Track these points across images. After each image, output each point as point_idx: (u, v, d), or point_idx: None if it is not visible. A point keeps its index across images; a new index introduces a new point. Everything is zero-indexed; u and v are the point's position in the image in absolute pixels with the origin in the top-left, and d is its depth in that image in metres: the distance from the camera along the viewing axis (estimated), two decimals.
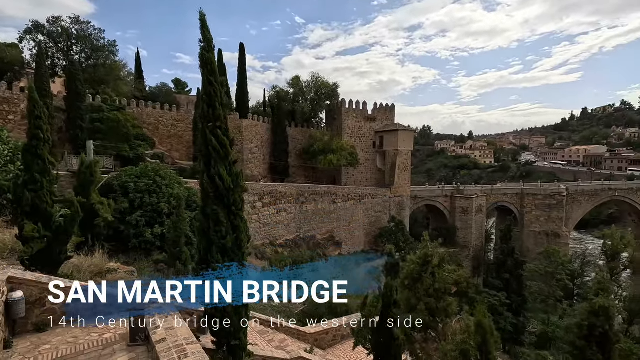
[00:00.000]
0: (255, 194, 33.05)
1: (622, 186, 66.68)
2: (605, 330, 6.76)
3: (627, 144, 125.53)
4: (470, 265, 49.79)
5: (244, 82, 44.53)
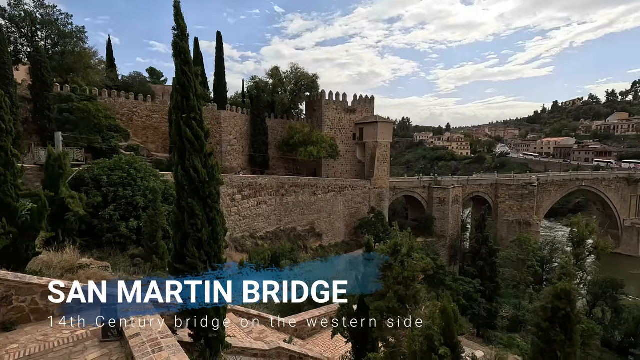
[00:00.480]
0: (235, 187, 32.68)
1: (588, 176, 70.10)
2: (568, 312, 7.17)
3: (593, 136, 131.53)
4: (447, 254, 51.35)
5: (221, 72, 43.56)
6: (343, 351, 11.52)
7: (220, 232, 6.79)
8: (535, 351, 7.61)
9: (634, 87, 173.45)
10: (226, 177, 32.19)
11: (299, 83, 50.67)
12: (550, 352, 7.27)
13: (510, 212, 57.68)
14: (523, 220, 56.34)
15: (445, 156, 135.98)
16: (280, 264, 21.93)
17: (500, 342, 29.16)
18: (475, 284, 32.32)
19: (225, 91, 44.73)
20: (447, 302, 4.58)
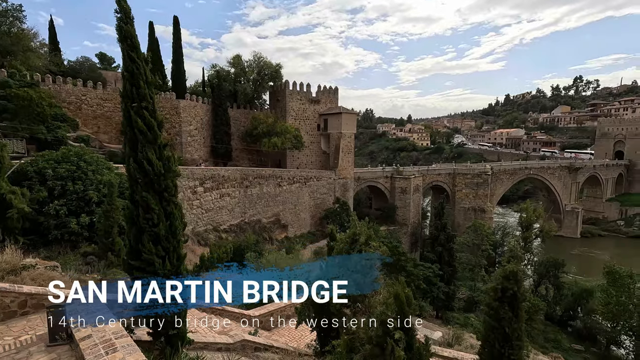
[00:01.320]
0: (196, 179, 31.64)
1: (536, 165, 75.52)
2: (515, 291, 7.74)
3: (540, 128, 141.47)
4: (408, 241, 53.35)
5: (179, 59, 41.66)
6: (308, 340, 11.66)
7: (178, 227, 6.55)
8: (486, 329, 8.17)
9: (575, 83, 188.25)
10: (186, 169, 31.09)
11: (262, 72, 49.68)
12: (499, 328, 7.84)
13: (467, 200, 60.84)
14: (478, 207, 59.67)
15: (406, 147, 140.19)
16: (245, 256, 21.70)
17: (457, 322, 30.97)
18: (435, 268, 33.93)
19: (184, 79, 42.92)
20: (400, 288, 4.76)
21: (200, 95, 43.83)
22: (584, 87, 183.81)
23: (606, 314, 32.41)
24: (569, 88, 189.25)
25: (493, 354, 8.05)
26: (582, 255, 61.66)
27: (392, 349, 4.47)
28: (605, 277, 32.90)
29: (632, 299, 30.39)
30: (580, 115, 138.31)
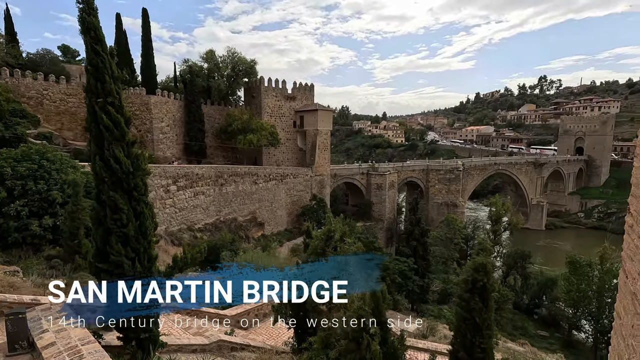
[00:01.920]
0: (169, 177, 30.74)
1: (504, 161, 78.63)
2: (484, 283, 8.04)
3: (508, 125, 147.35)
4: (384, 237, 54.26)
5: (149, 53, 40.16)
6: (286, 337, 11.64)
7: (149, 227, 6.33)
8: (458, 320, 8.46)
9: (540, 82, 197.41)
10: (158, 167, 30.14)
11: (237, 68, 48.79)
12: (470, 319, 8.13)
13: (440, 195, 62.53)
14: (450, 202, 61.47)
15: (382, 144, 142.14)
16: (221, 255, 21.34)
17: (432, 314, 31.90)
18: (410, 262, 34.72)
19: (155, 74, 41.46)
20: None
21: (172, 91, 42.52)
22: (548, 86, 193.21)
23: (568, 301, 34.36)
24: (534, 87, 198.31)
25: (465, 344, 8.35)
26: (547, 247, 64.97)
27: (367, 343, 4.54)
28: (567, 267, 34.83)
29: (591, 286, 32.35)
30: (545, 113, 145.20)
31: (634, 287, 2.22)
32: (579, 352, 33.20)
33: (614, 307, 12.04)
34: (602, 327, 31.86)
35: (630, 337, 2.16)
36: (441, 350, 11.70)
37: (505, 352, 17.32)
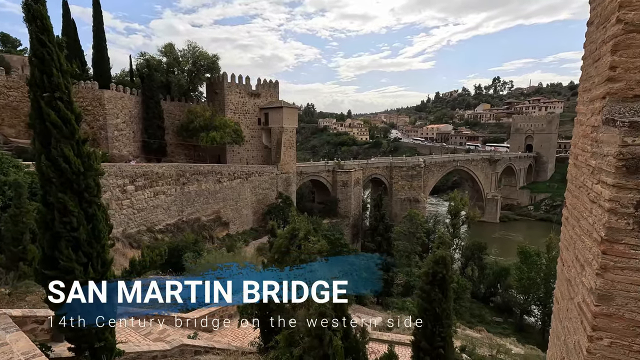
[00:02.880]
0: (126, 176, 29.21)
1: (462, 158, 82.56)
2: (444, 274, 8.43)
3: (466, 123, 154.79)
4: (350, 233, 55.11)
5: (102, 44, 37.78)
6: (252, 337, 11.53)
7: (102, 230, 6.00)
8: (420, 311, 8.81)
9: (494, 83, 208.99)
10: (114, 166, 28.56)
11: (198, 63, 47.20)
12: (431, 310, 8.51)
13: (403, 191, 64.50)
14: (413, 197, 63.60)
15: (347, 141, 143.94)
16: (183, 257, 20.65)
17: (396, 306, 32.90)
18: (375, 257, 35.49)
19: (108, 67, 39.12)
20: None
21: (128, 86, 40.33)
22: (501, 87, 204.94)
23: (520, 288, 36.93)
24: (489, 87, 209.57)
25: (426, 334, 8.72)
26: (501, 238, 69.16)
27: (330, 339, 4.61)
28: (519, 257, 37.39)
29: (540, 273, 34.95)
30: (498, 112, 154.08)
31: (569, 274, 2.44)
32: (529, 335, 35.77)
33: None
34: (549, 310, 34.57)
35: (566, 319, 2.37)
36: (404, 341, 12.13)
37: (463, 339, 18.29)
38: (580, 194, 2.33)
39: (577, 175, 2.47)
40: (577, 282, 2.20)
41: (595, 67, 2.21)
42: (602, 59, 2.06)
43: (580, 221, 2.30)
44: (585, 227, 2.18)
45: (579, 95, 2.65)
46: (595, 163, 2.08)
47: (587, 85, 2.41)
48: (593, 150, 2.14)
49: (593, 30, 2.34)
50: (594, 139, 2.12)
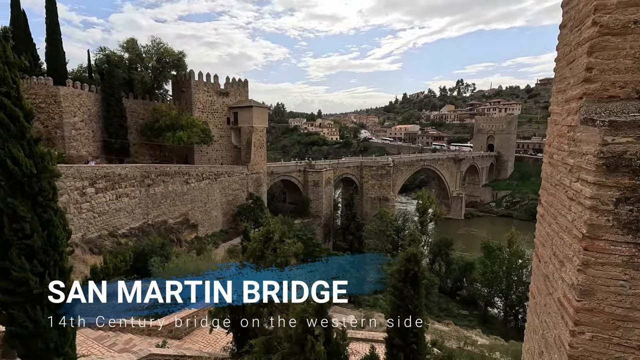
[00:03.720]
0: (85, 178, 27.52)
1: (429, 157, 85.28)
2: (415, 271, 8.57)
3: (432, 124, 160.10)
4: (322, 232, 55.25)
5: (56, 38, 35.39)
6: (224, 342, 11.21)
7: (60, 236, 5.55)
8: (393, 308, 8.93)
9: (458, 85, 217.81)
10: (71, 168, 26.86)
11: (163, 60, 45.41)
12: (404, 306, 8.64)
13: (373, 190, 65.58)
14: (382, 196, 64.83)
15: (318, 141, 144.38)
16: (149, 261, 19.77)
17: (368, 304, 33.38)
18: (347, 256, 35.83)
19: (64, 62, 36.79)
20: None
21: (86, 83, 38.08)
22: (464, 89, 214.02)
23: (484, 281, 38.65)
24: (453, 89, 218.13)
25: (399, 330, 8.85)
26: (466, 234, 72.02)
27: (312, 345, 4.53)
28: (483, 251, 39.11)
29: (502, 267, 36.74)
30: (462, 113, 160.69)
31: (546, 270, 2.51)
32: (493, 325, 37.53)
33: (520, 284, 13.80)
34: (511, 302, 36.50)
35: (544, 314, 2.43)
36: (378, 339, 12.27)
37: (433, 333, 18.86)
38: (556, 191, 2.40)
39: (552, 174, 2.55)
40: (556, 278, 2.26)
41: (570, 68, 2.28)
42: (578, 60, 2.12)
43: (557, 218, 2.36)
44: (563, 224, 2.23)
45: (552, 96, 2.74)
46: (573, 162, 2.13)
47: (561, 86, 2.48)
48: (571, 149, 2.19)
49: (567, 33, 2.41)
50: (572, 138, 2.17)
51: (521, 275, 36.60)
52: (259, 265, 7.00)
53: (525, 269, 36.64)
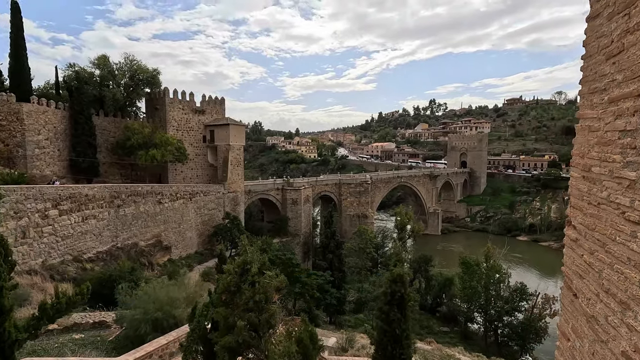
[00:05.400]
0: (47, 200, 25.80)
1: (406, 174, 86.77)
2: (402, 293, 8.22)
3: (407, 142, 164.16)
4: (301, 251, 54.29)
5: (20, 53, 33.87)
6: None
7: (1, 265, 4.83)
8: (379, 333, 8.49)
9: (430, 105, 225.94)
10: (32, 189, 25.15)
11: (136, 77, 44.34)
12: (390, 331, 8.22)
13: (351, 207, 65.60)
14: (361, 213, 64.91)
15: (296, 159, 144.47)
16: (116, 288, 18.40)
17: (349, 324, 32.55)
18: (327, 275, 35.13)
19: (29, 78, 35.17)
20: (303, 330, 4.40)
21: (53, 99, 36.42)
22: (437, 108, 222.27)
23: (463, 297, 38.75)
24: (426, 109, 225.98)
25: (386, 356, 8.39)
26: (444, 250, 72.84)
27: None
28: (461, 267, 39.39)
29: (480, 281, 37.04)
30: (436, 131, 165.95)
31: (592, 310, 2.12)
32: (474, 342, 37.42)
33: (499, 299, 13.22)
34: (490, 317, 36.65)
35: None
36: None
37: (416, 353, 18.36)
38: (602, 212, 2.07)
39: (592, 191, 2.21)
40: (615, 324, 1.88)
41: (613, 63, 2.01)
42: (629, 50, 1.82)
43: (608, 246, 2.01)
44: (622, 255, 1.87)
45: (582, 99, 2.46)
46: (635, 175, 1.79)
47: (598, 85, 2.20)
48: (628, 159, 1.84)
49: (602, 23, 2.15)
50: (630, 145, 1.83)
51: (499, 289, 36.99)
52: (234, 302, 6.31)
53: (503, 284, 37.11)
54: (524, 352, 34.31)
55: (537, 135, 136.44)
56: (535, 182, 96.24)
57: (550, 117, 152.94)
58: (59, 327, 12.79)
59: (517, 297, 36.40)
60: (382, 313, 8.30)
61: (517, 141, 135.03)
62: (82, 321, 14.09)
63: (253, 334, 6.03)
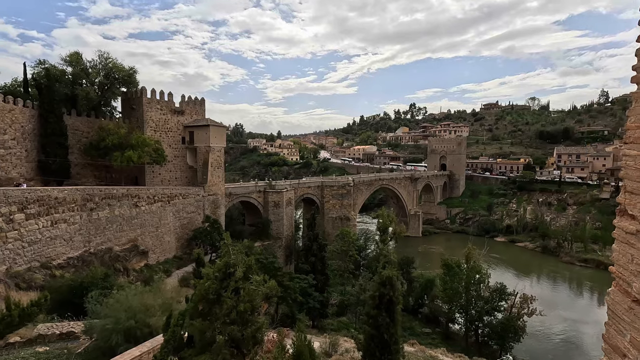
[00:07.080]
0: (13, 203, 24.27)
1: (387, 177, 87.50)
2: (391, 296, 7.94)
3: (388, 145, 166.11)
4: (283, 254, 53.60)
5: None
6: None
7: None
8: (367, 338, 8.17)
9: (411, 109, 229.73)
10: None
11: (111, 75, 42.66)
12: (378, 336, 7.90)
13: (334, 210, 65.45)
14: (344, 216, 64.85)
15: (278, 162, 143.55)
16: (87, 296, 17.38)
17: (332, 328, 32.20)
18: (309, 279, 34.68)
19: None
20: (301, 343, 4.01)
21: (21, 97, 34.53)
22: (417, 112, 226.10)
23: (444, 298, 39.16)
24: (406, 112, 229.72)
25: None
26: (425, 252, 73.72)
27: None
28: (442, 268, 39.82)
29: (461, 282, 37.52)
30: (416, 135, 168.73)
31: None
32: (455, 342, 37.83)
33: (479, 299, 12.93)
34: (471, 317, 37.16)
35: None
36: None
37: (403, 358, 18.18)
38: None
39: None
40: None
41: None
42: None
43: None
44: None
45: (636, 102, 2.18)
46: None
47: None
48: None
49: None
50: None
51: (479, 290, 37.58)
52: (213, 313, 5.59)
53: (483, 284, 37.72)
54: (504, 351, 34.91)
55: (513, 139, 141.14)
56: (512, 185, 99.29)
57: (524, 122, 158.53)
58: (22, 339, 11.83)
59: (496, 297, 37.10)
60: (370, 318, 8.00)
61: (494, 145, 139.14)
62: (48, 332, 13.12)
63: (235, 351, 5.37)
